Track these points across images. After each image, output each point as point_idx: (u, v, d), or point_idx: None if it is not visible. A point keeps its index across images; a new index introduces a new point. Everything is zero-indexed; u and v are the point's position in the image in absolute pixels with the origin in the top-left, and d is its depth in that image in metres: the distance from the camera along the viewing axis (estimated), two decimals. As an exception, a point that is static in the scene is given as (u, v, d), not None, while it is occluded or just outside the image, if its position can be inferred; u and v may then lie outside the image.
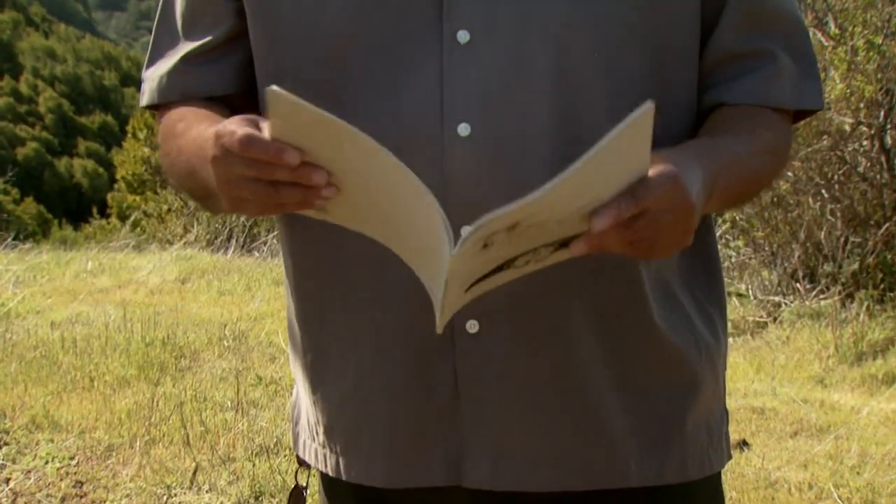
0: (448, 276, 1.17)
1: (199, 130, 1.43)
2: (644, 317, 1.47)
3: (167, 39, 1.57)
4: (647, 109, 1.13)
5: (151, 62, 1.58)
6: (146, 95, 1.58)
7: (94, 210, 23.10)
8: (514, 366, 1.43)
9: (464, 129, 1.39)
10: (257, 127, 1.25)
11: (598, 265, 1.44)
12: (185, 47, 1.54)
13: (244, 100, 1.56)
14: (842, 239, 6.25)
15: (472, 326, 1.42)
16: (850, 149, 6.24)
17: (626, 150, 1.18)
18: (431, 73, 1.40)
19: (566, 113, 1.40)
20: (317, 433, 1.57)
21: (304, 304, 1.55)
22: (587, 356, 1.45)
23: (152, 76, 1.57)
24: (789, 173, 6.46)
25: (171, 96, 1.55)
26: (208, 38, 1.52)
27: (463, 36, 1.39)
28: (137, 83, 1.61)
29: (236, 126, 1.26)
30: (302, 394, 1.61)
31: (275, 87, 1.13)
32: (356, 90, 1.40)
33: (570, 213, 1.20)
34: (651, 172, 1.24)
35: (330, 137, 1.16)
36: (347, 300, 1.48)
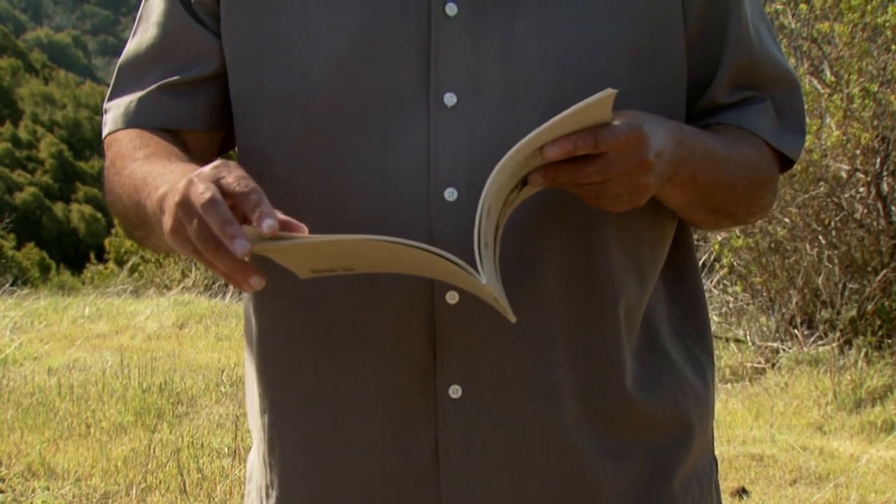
0: (492, 296, 1.20)
1: (154, 166, 1.38)
2: (628, 379, 1.47)
3: (134, 72, 1.49)
4: (608, 93, 1.21)
5: (115, 95, 1.53)
6: (109, 125, 1.51)
7: (92, 255, 23.04)
8: (498, 431, 1.41)
9: (450, 194, 1.38)
10: (230, 172, 1.24)
11: (579, 330, 1.44)
12: (160, 76, 1.46)
13: (204, 140, 1.52)
14: (840, 285, 6.25)
15: (455, 391, 1.40)
16: (846, 195, 6.26)
17: (585, 121, 1.24)
18: (418, 136, 1.39)
19: None
20: (266, 496, 1.52)
21: (268, 361, 1.51)
22: (572, 421, 1.44)
23: (118, 104, 1.51)
24: (786, 219, 6.47)
25: (139, 122, 1.49)
26: (187, 73, 1.47)
27: (450, 99, 1.39)
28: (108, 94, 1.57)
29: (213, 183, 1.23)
30: (255, 454, 1.56)
31: (246, 227, 1.16)
32: (342, 153, 1.39)
33: (525, 162, 1.25)
34: (616, 120, 1.26)
35: (313, 253, 1.19)
36: (319, 360, 1.45)
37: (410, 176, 1.38)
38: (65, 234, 42.73)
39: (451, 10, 1.38)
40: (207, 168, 1.23)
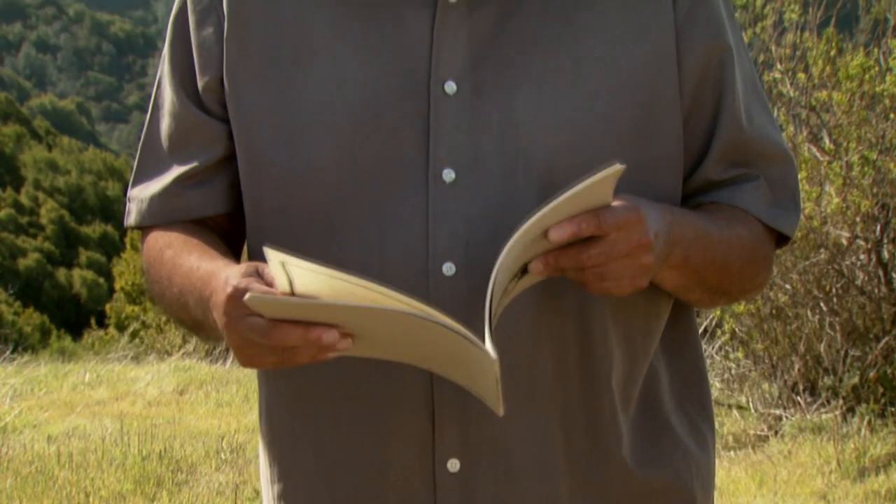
0: (496, 376, 1.20)
1: (191, 264, 1.43)
2: (625, 451, 1.47)
3: (153, 159, 1.57)
4: (615, 169, 1.20)
5: (137, 181, 1.58)
6: (133, 216, 1.57)
7: (93, 321, 23.02)
8: None
9: (448, 269, 1.39)
10: (260, 276, 1.26)
11: (574, 404, 1.44)
12: (176, 170, 1.53)
13: (231, 219, 1.57)
14: (841, 352, 6.24)
15: (453, 465, 1.41)
16: (847, 262, 6.26)
17: (589, 201, 1.24)
18: (417, 211, 1.41)
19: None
20: None
21: (274, 431, 1.53)
22: (570, 494, 1.44)
23: (140, 196, 1.57)
24: (787, 286, 6.47)
25: (161, 219, 1.55)
26: (200, 161, 1.52)
27: (448, 174, 1.41)
28: (131, 181, 1.62)
29: (242, 291, 1.26)
30: None
31: (251, 295, 1.16)
32: (342, 227, 1.41)
33: (528, 248, 1.26)
34: (614, 203, 1.27)
35: (320, 311, 1.19)
36: (320, 434, 1.47)
37: (409, 250, 1.40)
38: (66, 300, 42.73)
39: (451, 88, 1.41)
40: (223, 301, 1.27)
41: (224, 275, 1.29)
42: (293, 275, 1.19)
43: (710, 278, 1.48)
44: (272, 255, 1.20)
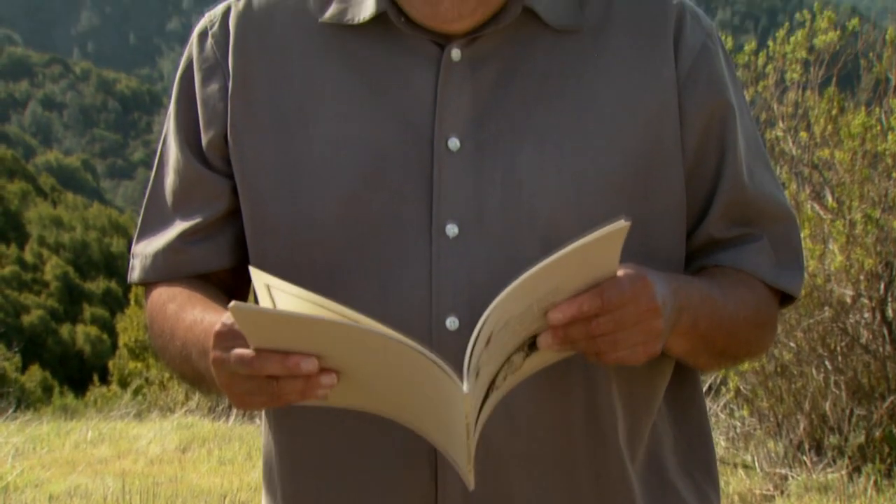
0: (467, 418, 1.18)
1: (194, 317, 1.44)
2: (637, 500, 1.46)
3: (157, 215, 1.58)
4: (621, 226, 1.19)
5: (141, 238, 1.59)
6: (137, 272, 1.59)
7: (96, 377, 22.94)
8: None
9: (451, 324, 1.40)
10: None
11: (581, 457, 1.44)
12: (180, 225, 1.55)
13: (234, 274, 1.57)
14: (847, 411, 6.20)
15: None
16: (851, 320, 6.24)
17: (594, 257, 1.23)
18: (420, 266, 1.42)
19: None
20: None
21: (282, 482, 1.52)
22: None
23: (144, 252, 1.58)
24: (791, 343, 6.45)
25: (164, 275, 1.56)
26: (204, 216, 1.54)
27: (451, 229, 1.41)
28: (135, 236, 1.64)
29: (229, 327, 1.27)
30: None
31: (234, 303, 1.16)
32: (345, 281, 1.41)
33: (534, 309, 1.23)
34: (619, 272, 1.26)
35: (303, 330, 1.19)
36: (324, 487, 1.47)
37: (412, 305, 1.40)
38: (70, 356, 42.63)
39: (454, 144, 1.42)
40: (211, 345, 1.28)
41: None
42: (277, 298, 1.20)
43: (718, 343, 1.48)
44: (257, 276, 1.22)
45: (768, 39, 6.60)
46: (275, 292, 1.21)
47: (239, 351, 1.23)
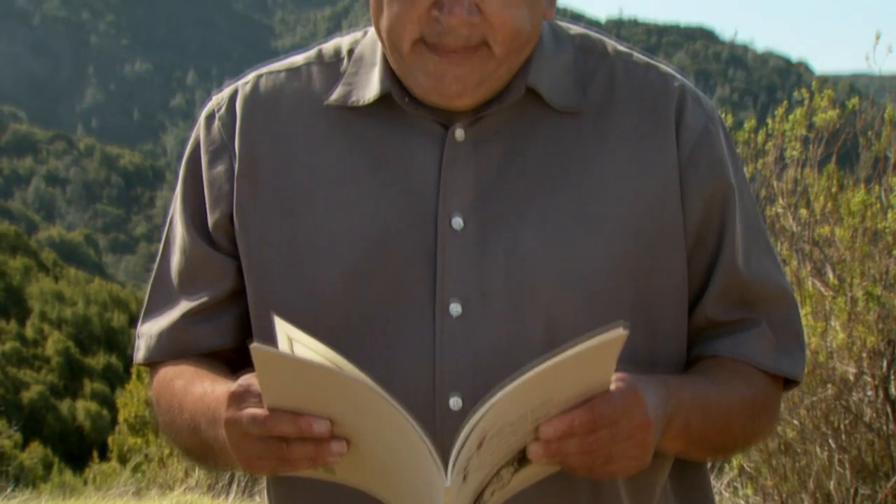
0: (447, 494, 1.18)
1: (204, 389, 1.45)
2: None
3: (162, 295, 1.60)
4: (619, 335, 1.18)
5: (147, 317, 1.60)
6: (142, 352, 1.59)
7: (95, 453, 22.77)
8: None
9: (455, 403, 1.40)
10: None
11: None
12: (185, 305, 1.56)
13: (238, 353, 1.57)
14: (851, 490, 6.15)
15: None
16: (854, 398, 6.21)
17: (590, 365, 1.22)
18: (424, 344, 1.42)
19: None
20: None
21: None
22: None
23: (149, 332, 1.59)
24: (795, 421, 6.41)
25: (169, 354, 1.57)
26: (209, 296, 1.55)
27: (455, 308, 1.42)
28: (140, 317, 1.64)
29: (245, 388, 1.28)
30: None
31: (256, 344, 1.17)
32: (348, 358, 1.41)
33: (528, 419, 1.22)
34: (612, 386, 1.26)
35: (319, 383, 1.19)
36: None
37: (415, 384, 1.40)
38: (69, 431, 42.33)
39: (458, 224, 1.43)
40: (224, 407, 1.30)
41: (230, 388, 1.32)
42: (297, 350, 1.21)
43: (712, 440, 1.48)
44: (280, 326, 1.22)
45: (767, 116, 6.65)
46: (296, 344, 1.23)
47: (252, 410, 1.24)
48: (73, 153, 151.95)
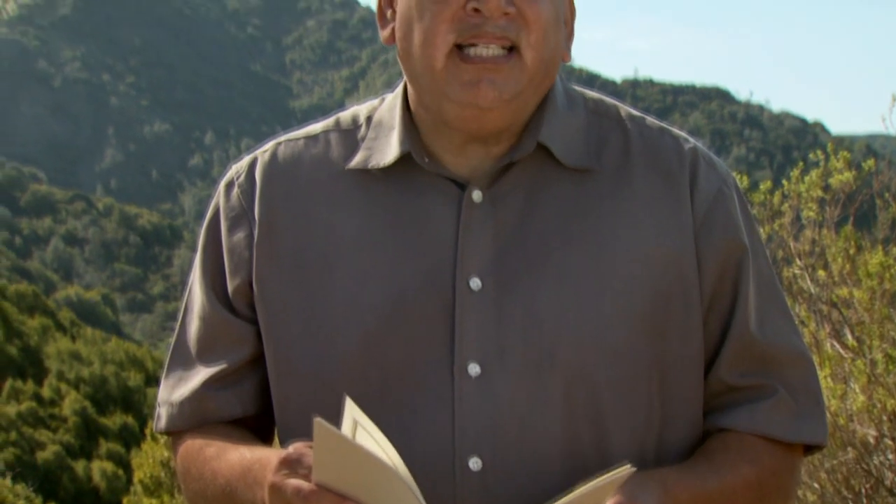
0: None
1: (241, 455, 1.45)
2: None
3: (182, 362, 1.60)
4: (626, 472, 1.19)
5: (167, 385, 1.60)
6: (164, 421, 1.59)
7: (110, 516, 22.70)
8: None
9: (475, 464, 1.39)
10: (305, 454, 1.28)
11: None
12: (205, 372, 1.56)
13: (259, 420, 1.58)
14: (873, 554, 6.07)
15: None
16: (875, 461, 6.16)
17: (595, 497, 1.22)
18: (443, 406, 1.42)
19: (577, 443, 1.41)
20: None
21: None
22: None
23: (170, 400, 1.58)
24: (815, 485, 6.35)
25: (191, 423, 1.57)
26: (228, 362, 1.55)
27: (473, 369, 1.42)
28: (160, 385, 1.65)
29: (297, 456, 1.28)
30: None
31: (320, 420, 1.17)
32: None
33: None
34: (610, 501, 1.26)
35: (371, 474, 1.19)
36: None
37: (435, 446, 1.40)
38: (85, 492, 42.19)
39: (475, 284, 1.44)
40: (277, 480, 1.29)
41: (277, 452, 1.33)
42: (359, 435, 1.21)
43: None
44: (350, 407, 1.22)
45: (784, 176, 6.66)
46: (359, 430, 1.23)
47: (299, 481, 1.24)
48: (91, 213, 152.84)
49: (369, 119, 1.59)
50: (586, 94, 1.61)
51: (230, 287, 1.55)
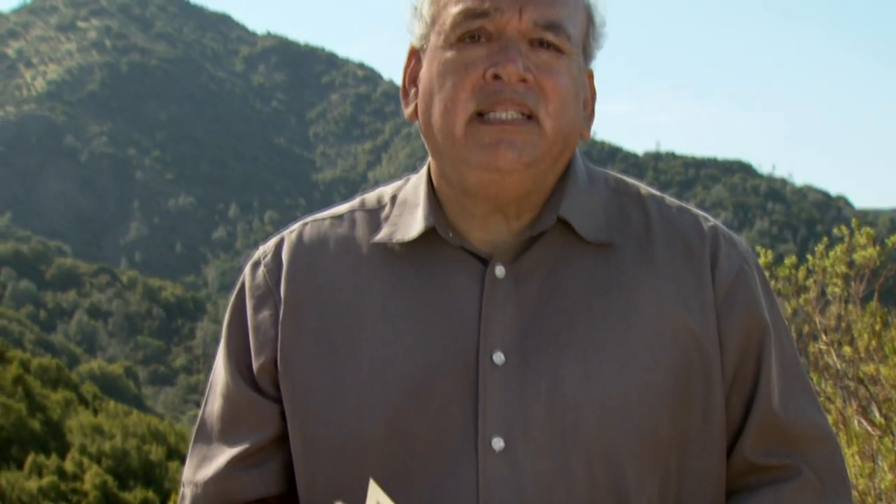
0: None
1: None
2: None
3: (207, 442, 1.60)
4: None
5: (192, 465, 1.60)
6: (188, 501, 1.59)
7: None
8: None
9: None
10: None
11: None
12: (229, 451, 1.56)
13: (284, 500, 1.57)
14: None
15: None
16: (906, 541, 6.07)
17: None
18: (467, 480, 1.42)
19: None
20: None
21: None
22: None
23: (194, 480, 1.58)
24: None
25: (216, 503, 1.56)
26: (253, 441, 1.55)
27: (497, 443, 1.42)
28: (182, 457, 1.64)
29: None
30: None
31: (373, 482, 1.17)
32: (394, 497, 1.41)
33: None
34: None
35: None
36: None
37: None
38: (105, 567, 41.93)
39: (499, 359, 1.44)
40: None
41: None
42: None
43: None
44: (374, 490, 1.22)
45: (808, 248, 6.64)
46: None
47: None
48: (115, 286, 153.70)
49: (394, 198, 1.62)
50: (607, 174, 1.63)
51: (255, 366, 1.56)
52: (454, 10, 1.49)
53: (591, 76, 1.61)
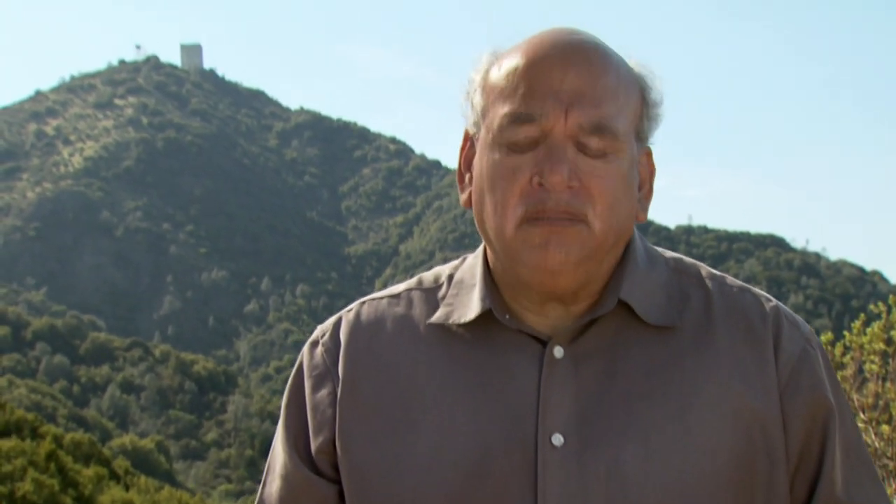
0: None
1: None
2: None
3: None
4: None
5: None
6: None
7: None
8: None
9: None
10: None
11: None
12: None
13: None
14: None
15: None
16: None
17: None
18: None
19: None
20: None
21: None
22: None
23: None
24: None
25: None
26: None
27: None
28: None
29: None
30: None
31: None
32: None
33: None
34: None
35: None
36: None
37: None
38: None
39: (558, 440, 1.45)
40: None
41: None
42: None
43: None
44: None
45: (843, 323, 6.60)
46: None
47: None
48: (148, 360, 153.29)
49: (451, 278, 1.63)
50: (667, 254, 1.63)
51: (313, 446, 1.57)
52: (501, 111, 1.50)
53: (649, 154, 1.60)
